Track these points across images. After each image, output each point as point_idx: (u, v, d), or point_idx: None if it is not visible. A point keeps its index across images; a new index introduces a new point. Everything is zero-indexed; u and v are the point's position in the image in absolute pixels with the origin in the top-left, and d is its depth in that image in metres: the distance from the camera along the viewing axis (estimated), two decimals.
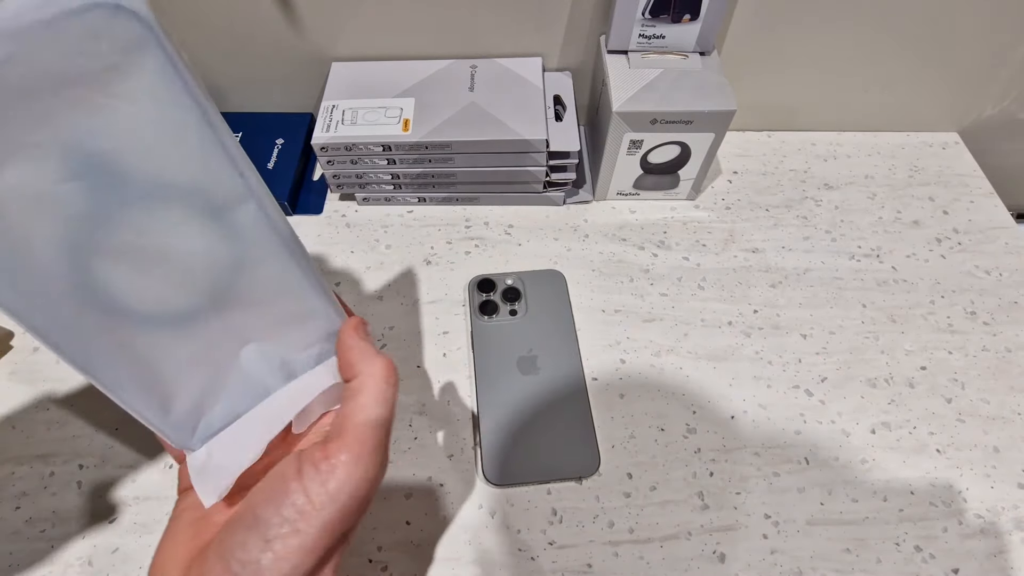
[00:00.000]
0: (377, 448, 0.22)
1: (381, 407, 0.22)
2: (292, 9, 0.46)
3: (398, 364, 0.42)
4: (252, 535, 0.20)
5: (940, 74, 0.52)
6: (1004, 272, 0.48)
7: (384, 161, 0.47)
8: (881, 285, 0.47)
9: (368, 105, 0.47)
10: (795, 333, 0.44)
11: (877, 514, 0.37)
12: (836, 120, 0.56)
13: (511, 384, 0.40)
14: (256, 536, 0.20)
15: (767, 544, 0.36)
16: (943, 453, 0.39)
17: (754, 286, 0.47)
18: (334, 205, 0.51)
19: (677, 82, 0.44)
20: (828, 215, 0.51)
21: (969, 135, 0.57)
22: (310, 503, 0.20)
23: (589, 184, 0.52)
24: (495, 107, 0.47)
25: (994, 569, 0.35)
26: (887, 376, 0.42)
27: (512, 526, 0.36)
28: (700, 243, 0.49)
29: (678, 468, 0.38)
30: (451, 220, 0.50)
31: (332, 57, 0.50)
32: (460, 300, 0.45)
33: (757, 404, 0.41)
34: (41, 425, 0.39)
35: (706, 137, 0.45)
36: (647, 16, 0.43)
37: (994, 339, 0.44)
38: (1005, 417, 0.40)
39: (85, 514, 0.36)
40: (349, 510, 0.21)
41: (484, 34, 0.49)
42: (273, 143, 0.52)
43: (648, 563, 0.35)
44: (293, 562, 0.20)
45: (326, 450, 0.21)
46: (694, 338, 0.44)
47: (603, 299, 0.46)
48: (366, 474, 0.21)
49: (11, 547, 0.35)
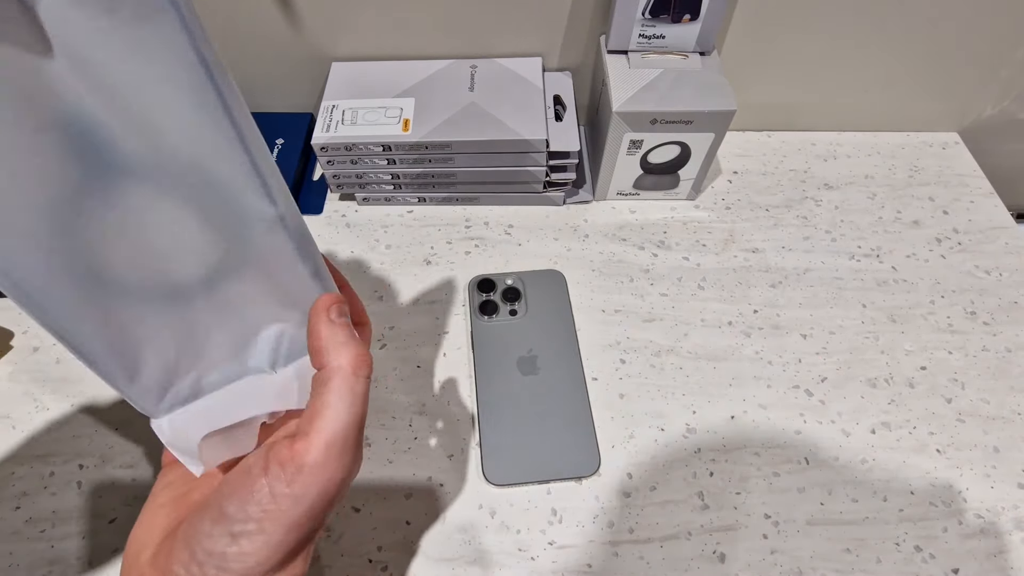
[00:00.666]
0: (344, 451, 0.21)
1: (349, 406, 0.21)
2: (292, 9, 0.46)
3: (398, 364, 0.42)
4: (218, 528, 0.20)
5: (940, 74, 0.52)
6: (1004, 272, 0.48)
7: (384, 161, 0.47)
8: (881, 285, 0.47)
9: (368, 105, 0.47)
10: (795, 333, 0.44)
11: (877, 514, 0.37)
12: (836, 120, 0.56)
13: (511, 384, 0.40)
14: (222, 529, 0.20)
15: (767, 544, 0.36)
16: (943, 453, 0.39)
17: (754, 286, 0.47)
18: (334, 205, 0.51)
19: (677, 82, 0.44)
20: (828, 215, 0.51)
21: (969, 135, 0.57)
22: (275, 503, 0.20)
23: (589, 184, 0.52)
24: (495, 107, 0.47)
25: (994, 569, 0.35)
26: (887, 376, 0.42)
27: (512, 526, 0.36)
28: (700, 243, 0.49)
29: (678, 468, 0.38)
30: (451, 220, 0.50)
31: (332, 57, 0.50)
32: (460, 300, 0.45)
33: (757, 404, 0.41)
34: (41, 425, 0.39)
35: (706, 137, 0.45)
36: (647, 16, 0.43)
37: (994, 339, 0.44)
38: (1005, 417, 0.40)
39: (85, 514, 0.36)
40: (316, 510, 0.21)
41: (484, 34, 0.49)
42: (273, 143, 0.52)
43: (648, 563, 0.35)
44: (259, 558, 0.20)
45: (292, 450, 0.20)
46: (694, 338, 0.44)
47: (603, 299, 0.46)
48: (333, 476, 0.20)
49: (11, 547, 0.35)
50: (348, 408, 0.21)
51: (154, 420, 0.24)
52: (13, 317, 0.44)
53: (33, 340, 0.43)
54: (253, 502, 0.20)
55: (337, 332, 0.22)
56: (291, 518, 0.20)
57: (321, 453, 0.20)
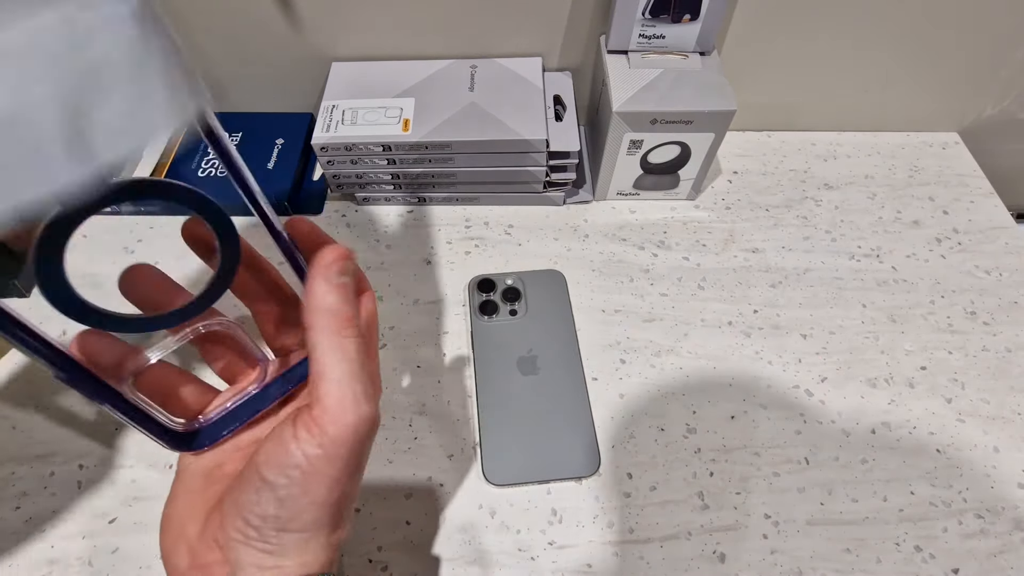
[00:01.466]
0: (356, 404, 0.21)
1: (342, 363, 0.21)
2: (292, 9, 0.46)
3: (399, 364, 0.42)
4: (264, 495, 0.21)
5: (940, 74, 0.52)
6: (1004, 272, 0.48)
7: (384, 161, 0.47)
8: (881, 285, 0.47)
9: (368, 105, 0.47)
10: (795, 333, 0.44)
11: (877, 514, 0.37)
12: (836, 120, 0.56)
13: (511, 384, 0.40)
14: (268, 496, 0.21)
15: (767, 544, 0.36)
16: (943, 453, 0.39)
17: (754, 286, 0.47)
18: (334, 205, 0.51)
19: (677, 82, 0.44)
20: (828, 215, 0.51)
21: (969, 135, 0.57)
22: (311, 465, 0.21)
23: (589, 184, 0.52)
24: (495, 107, 0.47)
25: (994, 569, 0.35)
26: (887, 376, 0.42)
27: (512, 526, 0.36)
28: (700, 243, 0.49)
29: (678, 468, 0.38)
30: (451, 220, 0.50)
31: (332, 57, 0.50)
32: (460, 300, 0.45)
33: (757, 404, 0.41)
34: (41, 425, 0.39)
35: (706, 137, 0.45)
36: (647, 16, 0.43)
37: (994, 339, 0.44)
38: (1005, 417, 0.40)
39: (85, 514, 0.36)
40: (351, 465, 0.21)
41: (484, 34, 0.49)
42: (273, 143, 0.52)
43: (648, 563, 0.35)
44: (311, 516, 0.21)
45: (311, 415, 0.21)
46: (694, 338, 0.44)
47: (603, 299, 0.46)
48: (358, 429, 0.21)
49: (11, 547, 0.35)
50: (344, 366, 0.21)
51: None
52: None
53: None
54: (291, 466, 0.21)
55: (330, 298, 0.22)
56: (330, 476, 0.21)
57: (336, 412, 0.21)
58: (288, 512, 0.21)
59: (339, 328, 0.21)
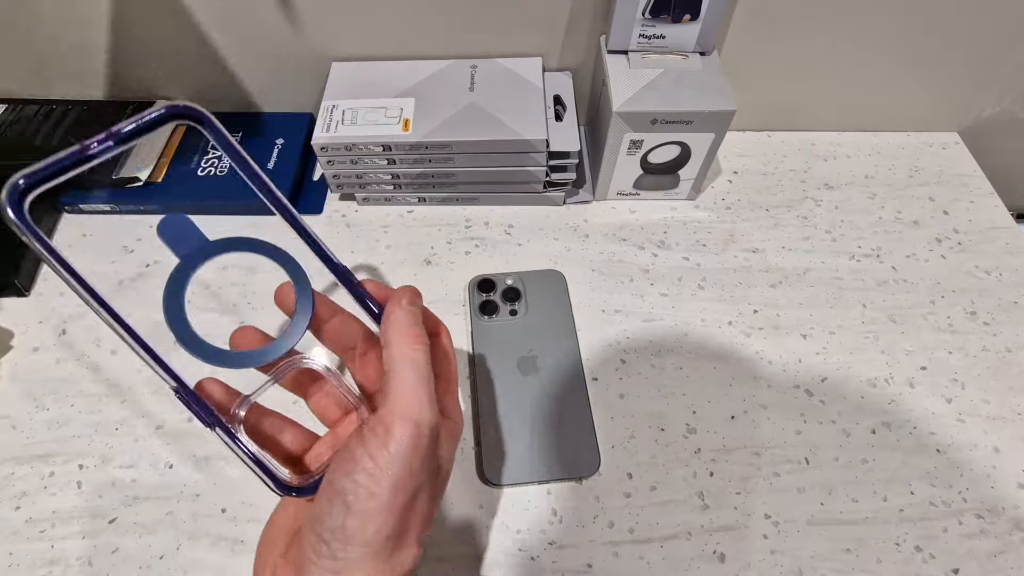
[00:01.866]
0: (422, 406, 0.23)
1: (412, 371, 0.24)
2: (292, 9, 0.46)
3: None
4: (334, 504, 0.22)
5: (940, 74, 0.52)
6: (1004, 272, 0.48)
7: (384, 161, 0.47)
8: (881, 285, 0.47)
9: (368, 105, 0.47)
10: (795, 333, 0.44)
11: (877, 514, 0.37)
12: (836, 120, 0.56)
13: (511, 384, 0.40)
14: (338, 503, 0.22)
15: (767, 544, 0.36)
16: (943, 453, 0.39)
17: (754, 286, 0.47)
18: (334, 205, 0.51)
19: (677, 82, 0.44)
20: (828, 215, 0.51)
21: (969, 135, 0.57)
22: (375, 463, 0.22)
23: (589, 184, 0.52)
24: (495, 107, 0.47)
25: (994, 569, 0.35)
26: (887, 376, 0.42)
27: (512, 526, 0.36)
28: (700, 243, 0.49)
29: (678, 468, 0.38)
30: (451, 220, 0.50)
31: (332, 57, 0.50)
32: (460, 300, 0.45)
33: (757, 404, 0.41)
34: (41, 425, 0.39)
35: (706, 137, 0.45)
36: (647, 16, 0.43)
37: (994, 339, 0.44)
38: (1005, 417, 0.40)
39: (85, 514, 0.36)
40: (414, 465, 0.22)
41: (484, 34, 0.49)
42: (273, 143, 0.52)
43: (648, 563, 0.35)
44: (376, 524, 0.22)
45: (377, 416, 0.23)
46: (694, 338, 0.44)
47: (603, 299, 0.46)
48: (419, 426, 0.23)
49: (11, 547, 0.35)
50: (412, 373, 0.24)
51: None
52: (13, 317, 0.44)
53: (33, 340, 0.43)
54: (358, 470, 0.22)
55: (401, 316, 0.25)
56: (394, 475, 0.22)
57: (402, 411, 0.23)
58: (356, 521, 0.21)
59: (410, 342, 0.24)
